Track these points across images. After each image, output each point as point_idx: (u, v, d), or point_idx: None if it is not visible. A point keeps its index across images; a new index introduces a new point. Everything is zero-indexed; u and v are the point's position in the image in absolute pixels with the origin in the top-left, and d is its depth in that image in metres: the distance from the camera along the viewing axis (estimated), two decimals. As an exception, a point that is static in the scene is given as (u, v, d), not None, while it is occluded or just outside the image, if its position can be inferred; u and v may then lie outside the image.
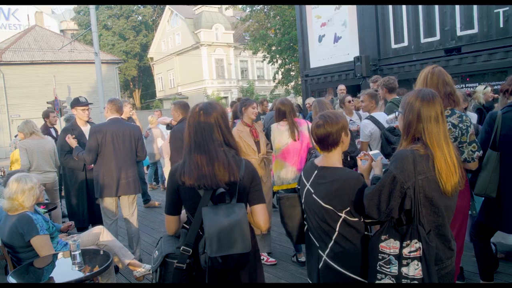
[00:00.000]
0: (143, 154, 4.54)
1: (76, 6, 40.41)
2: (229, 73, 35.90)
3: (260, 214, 2.03)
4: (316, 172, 2.09)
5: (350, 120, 5.67)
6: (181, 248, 1.97)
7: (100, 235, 3.66)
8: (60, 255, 3.05)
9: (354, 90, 9.05)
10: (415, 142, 1.92)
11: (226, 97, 34.01)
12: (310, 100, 7.63)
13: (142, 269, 3.69)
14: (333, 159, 2.07)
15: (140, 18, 44.25)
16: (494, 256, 3.33)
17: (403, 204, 1.84)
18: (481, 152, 2.68)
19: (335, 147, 2.05)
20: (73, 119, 5.11)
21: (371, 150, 4.38)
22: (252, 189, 2.04)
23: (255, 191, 2.04)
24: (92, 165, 4.37)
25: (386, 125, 4.13)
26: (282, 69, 21.01)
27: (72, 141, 4.46)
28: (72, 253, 2.79)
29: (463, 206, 2.74)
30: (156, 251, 2.07)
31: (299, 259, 4.21)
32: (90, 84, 25.47)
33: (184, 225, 2.13)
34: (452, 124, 2.57)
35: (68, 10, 41.74)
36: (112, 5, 40.63)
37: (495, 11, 8.14)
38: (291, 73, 20.88)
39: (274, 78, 22.57)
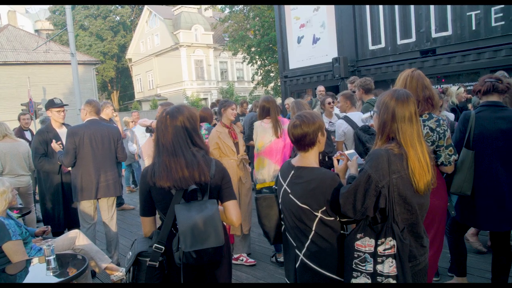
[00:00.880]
0: (123, 155, 4.48)
1: (51, 5, 39.53)
2: (209, 74, 35.76)
3: (232, 210, 2.13)
4: (293, 172, 2.11)
5: (330, 122, 5.73)
6: (154, 246, 2.02)
7: (76, 239, 3.59)
8: (35, 261, 2.98)
9: (332, 91, 9.13)
10: (389, 141, 1.95)
11: (205, 99, 33.88)
12: (289, 101, 7.67)
13: (120, 273, 3.63)
14: (310, 159, 2.09)
15: (118, 18, 43.60)
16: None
17: (378, 203, 1.86)
18: (457, 156, 2.75)
19: (312, 147, 2.07)
20: (48, 121, 4.99)
21: (347, 149, 4.45)
22: (223, 187, 2.14)
23: (226, 188, 2.15)
24: (70, 168, 4.28)
25: (361, 124, 4.22)
26: (262, 70, 21.05)
27: (56, 146, 4.37)
28: (47, 258, 2.73)
29: (441, 206, 2.81)
30: (130, 252, 2.11)
31: (278, 259, 4.23)
32: (66, 86, 24.95)
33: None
34: (430, 128, 2.61)
35: (43, 9, 40.84)
36: (89, 5, 39.91)
37: (468, 14, 8.36)
38: (271, 74, 20.95)
39: (253, 79, 22.58)
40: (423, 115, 2.65)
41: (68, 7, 14.99)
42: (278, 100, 16.46)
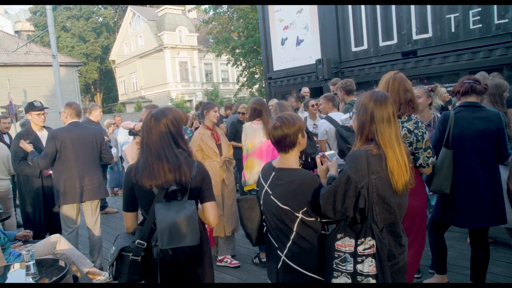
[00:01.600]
0: (109, 156, 4.44)
1: (32, 6, 38.84)
2: (193, 76, 35.59)
3: (210, 211, 2.22)
4: (273, 173, 2.12)
5: (314, 124, 5.77)
6: (136, 242, 2.12)
7: (57, 243, 3.53)
8: (16, 266, 2.92)
9: (316, 92, 9.22)
10: (368, 142, 1.98)
11: (190, 100, 33.71)
12: (273, 102, 7.71)
13: (102, 277, 3.59)
14: (290, 160, 2.10)
15: (101, 19, 43.11)
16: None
17: (358, 203, 1.89)
18: (435, 158, 2.80)
19: (292, 148, 2.09)
20: (28, 124, 4.90)
21: (330, 148, 4.50)
22: (203, 188, 2.23)
23: (206, 189, 2.24)
24: (50, 171, 4.21)
25: (328, 124, 4.32)
26: (246, 72, 21.05)
27: (26, 146, 4.28)
28: (26, 263, 2.68)
29: (421, 206, 2.87)
30: (113, 247, 2.21)
31: (262, 259, 4.23)
32: (48, 88, 24.51)
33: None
34: (408, 129, 2.66)
35: (23, 10, 40.14)
36: (71, 6, 39.35)
37: (447, 16, 8.53)
38: (255, 75, 20.96)
39: (238, 81, 22.58)
40: (403, 116, 2.70)
41: (49, 8, 14.74)
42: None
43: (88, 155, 4.17)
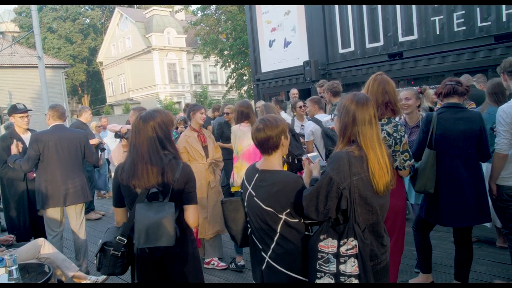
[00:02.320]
0: (93, 159, 4.39)
1: (16, 6, 38.30)
2: (182, 77, 35.46)
3: (190, 213, 2.30)
4: (257, 175, 2.13)
5: (302, 125, 5.80)
6: (117, 238, 2.25)
7: (41, 247, 3.48)
8: (1, 271, 2.87)
9: (304, 94, 9.27)
10: (350, 144, 2.00)
11: (179, 102, 33.56)
12: (260, 103, 7.74)
13: (88, 281, 3.56)
14: (273, 162, 2.11)
15: (88, 21, 42.71)
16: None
17: (340, 204, 1.90)
18: (413, 161, 2.85)
19: (275, 150, 2.10)
20: (12, 127, 4.83)
21: (317, 149, 4.53)
22: (186, 191, 2.29)
23: (188, 192, 2.30)
24: (35, 174, 4.16)
25: (314, 125, 4.37)
26: (235, 74, 21.06)
27: (14, 149, 4.22)
28: (9, 268, 2.64)
29: (402, 206, 2.91)
30: (101, 240, 2.34)
31: (238, 263, 4.22)
32: (34, 90, 24.20)
33: None
34: (387, 132, 2.69)
35: (7, 11, 39.50)
36: (57, 7, 38.89)
37: (432, 19, 8.65)
38: (244, 77, 20.98)
39: (227, 83, 22.57)
40: (382, 119, 2.73)
41: (34, 9, 14.54)
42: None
43: (72, 159, 4.12)
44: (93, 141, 4.62)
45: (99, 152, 5.50)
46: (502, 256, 3.90)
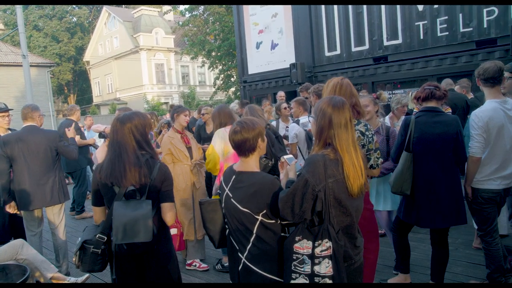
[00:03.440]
0: (71, 155, 4.27)
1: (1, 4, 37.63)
2: (170, 78, 35.29)
3: (167, 211, 2.38)
4: (234, 177, 2.15)
5: (286, 127, 5.84)
6: (97, 236, 2.32)
7: (20, 248, 3.44)
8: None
9: (290, 96, 9.31)
10: (326, 147, 2.03)
11: (166, 103, 33.38)
12: (235, 105, 7.80)
13: (67, 282, 3.53)
14: (250, 164, 2.14)
15: (75, 19, 42.23)
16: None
17: (315, 206, 1.94)
18: (382, 159, 2.92)
19: (252, 152, 2.12)
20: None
21: (301, 151, 4.57)
22: (163, 189, 2.38)
23: (165, 190, 2.39)
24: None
25: (298, 127, 4.40)
26: (223, 75, 21.05)
27: None
28: (-16, 270, 2.61)
29: (370, 209, 2.99)
30: (79, 238, 2.40)
31: (224, 264, 4.23)
32: (18, 89, 23.75)
33: None
34: (361, 132, 2.75)
35: (-9, 8, 38.81)
36: (44, 5, 38.35)
37: (416, 23, 8.79)
38: (231, 79, 20.99)
39: (215, 84, 22.56)
40: (353, 120, 2.79)
41: (19, 6, 14.35)
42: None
43: (41, 161, 4.05)
44: (69, 134, 4.54)
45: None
46: (478, 257, 3.98)
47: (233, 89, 21.99)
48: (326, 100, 2.08)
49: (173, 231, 4.10)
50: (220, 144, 4.20)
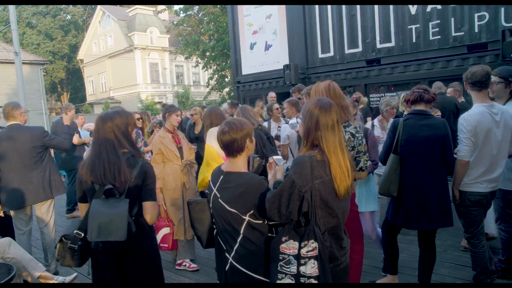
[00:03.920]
0: (63, 146, 4.29)
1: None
2: (164, 77, 35.19)
3: (147, 209, 2.39)
4: (222, 177, 2.16)
5: (278, 126, 5.86)
6: (74, 232, 2.36)
7: (7, 247, 3.42)
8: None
9: (284, 97, 9.30)
10: (313, 148, 2.05)
11: (160, 102, 33.26)
12: (225, 106, 7.84)
13: (54, 282, 3.51)
14: (238, 164, 2.15)
15: (69, 17, 41.94)
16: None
17: (302, 207, 1.95)
18: (370, 162, 2.95)
19: (240, 153, 2.13)
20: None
21: (292, 153, 4.58)
22: (144, 188, 2.38)
23: (146, 189, 2.39)
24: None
25: (290, 129, 4.41)
26: (217, 75, 21.04)
27: None
28: (-30, 268, 2.60)
29: (355, 211, 3.02)
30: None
31: None
32: (10, 86, 23.55)
33: None
34: (351, 134, 2.77)
35: (-16, 5, 38.41)
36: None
37: (409, 27, 8.86)
38: (226, 79, 20.98)
39: (208, 84, 22.54)
40: (344, 122, 2.81)
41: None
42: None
43: (26, 158, 4.03)
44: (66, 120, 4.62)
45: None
46: (466, 259, 4.01)
47: (227, 89, 21.98)
48: (313, 101, 2.09)
49: (166, 230, 4.10)
50: (216, 142, 4.20)
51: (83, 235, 2.35)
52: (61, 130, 5.87)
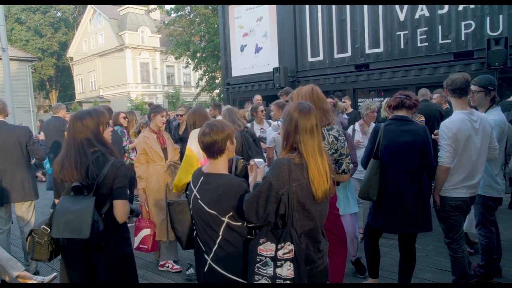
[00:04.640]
0: (39, 154, 4.27)
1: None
2: (155, 77, 35.01)
3: (117, 208, 2.39)
4: (202, 178, 2.16)
5: (261, 128, 5.89)
6: (41, 227, 2.37)
7: (-15, 246, 3.38)
8: None
9: (273, 100, 9.34)
10: (292, 151, 2.06)
11: (151, 102, 33.06)
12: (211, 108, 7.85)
13: (33, 282, 3.46)
14: (219, 166, 2.15)
15: (59, 14, 41.51)
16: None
17: (279, 209, 1.96)
18: (352, 165, 2.98)
19: (221, 154, 2.13)
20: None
21: (277, 155, 4.60)
22: (114, 186, 2.38)
23: (117, 188, 2.39)
24: None
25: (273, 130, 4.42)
26: (207, 76, 21.01)
27: None
28: None
29: (338, 214, 3.05)
30: None
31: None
32: (-3, 82, 23.28)
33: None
34: (335, 137, 2.80)
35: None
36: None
37: (397, 33, 8.97)
38: (216, 80, 20.96)
39: (198, 85, 22.49)
40: (327, 126, 2.83)
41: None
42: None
43: (9, 156, 4.01)
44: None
45: None
46: (447, 264, 4.05)
47: (217, 91, 21.95)
48: (293, 105, 2.11)
49: (146, 231, 4.08)
50: (197, 145, 4.19)
51: (49, 230, 2.34)
52: (55, 129, 5.88)
